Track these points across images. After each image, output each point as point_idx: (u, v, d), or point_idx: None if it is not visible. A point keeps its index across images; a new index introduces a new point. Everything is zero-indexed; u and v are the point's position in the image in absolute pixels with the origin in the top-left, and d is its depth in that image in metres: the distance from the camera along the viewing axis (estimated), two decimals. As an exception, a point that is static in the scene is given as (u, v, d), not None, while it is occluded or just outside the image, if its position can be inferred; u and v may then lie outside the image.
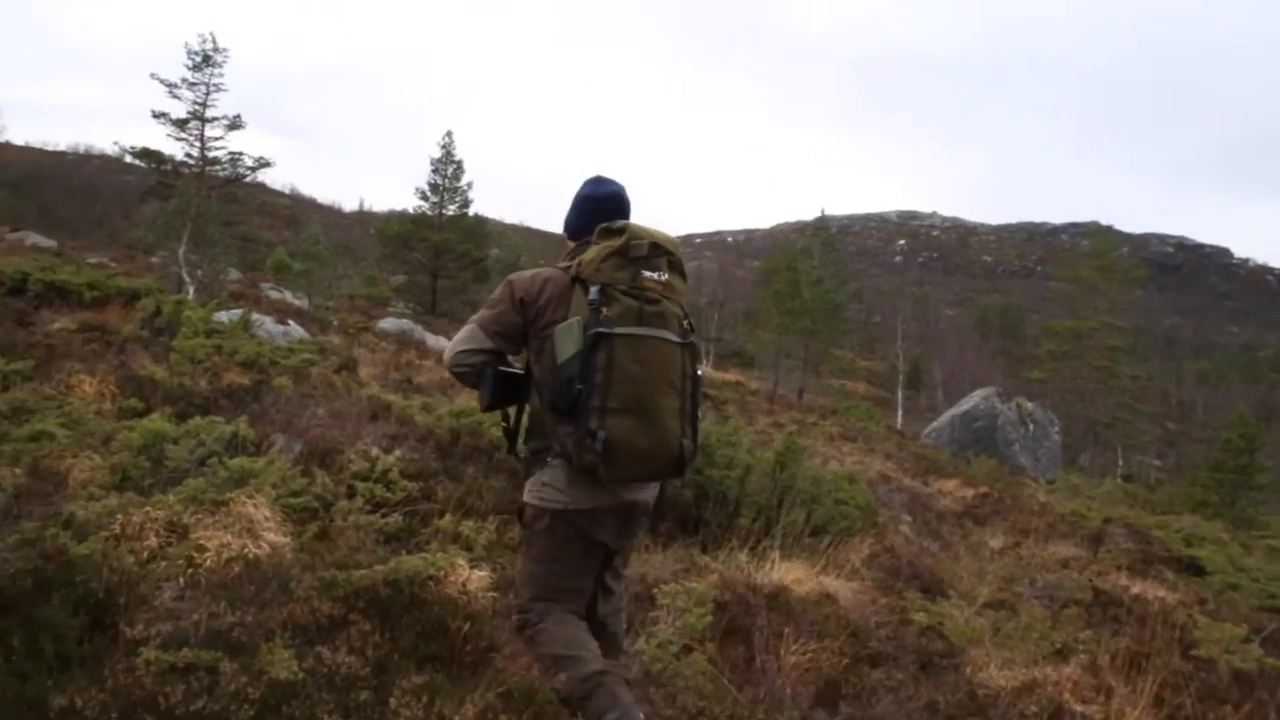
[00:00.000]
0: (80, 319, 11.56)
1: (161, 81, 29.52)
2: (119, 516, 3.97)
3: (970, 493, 16.50)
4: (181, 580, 3.63)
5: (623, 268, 2.54)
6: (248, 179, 31.91)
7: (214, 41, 29.41)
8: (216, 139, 30.80)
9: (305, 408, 6.93)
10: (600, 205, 2.85)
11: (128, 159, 32.76)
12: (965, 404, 27.01)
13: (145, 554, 3.89)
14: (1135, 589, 9.30)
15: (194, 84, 29.65)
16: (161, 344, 11.22)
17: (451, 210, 35.24)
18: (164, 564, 3.77)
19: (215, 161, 30.75)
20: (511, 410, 2.78)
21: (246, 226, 32.85)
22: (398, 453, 5.83)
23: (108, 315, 12.37)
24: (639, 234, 2.60)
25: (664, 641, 3.63)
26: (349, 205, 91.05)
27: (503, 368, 2.73)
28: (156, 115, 29.93)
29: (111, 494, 4.22)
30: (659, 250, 2.60)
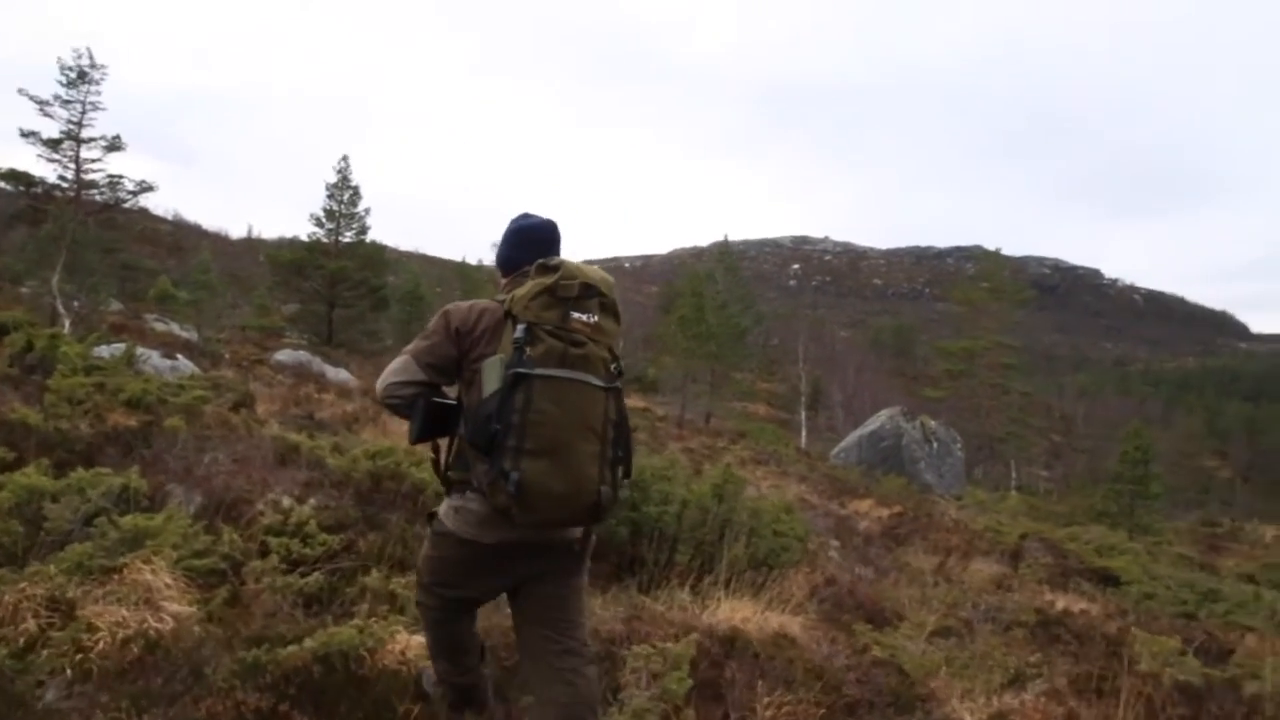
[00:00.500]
0: (-61, 357, 10.49)
1: (31, 98, 27.67)
2: (-11, 597, 3.37)
3: (885, 512, 16.58)
4: (69, 672, 3.07)
5: (551, 307, 2.51)
6: (128, 204, 30.13)
7: (90, 57, 27.74)
8: (93, 161, 29.00)
9: (203, 452, 6.29)
10: (530, 237, 2.83)
11: None
12: (871, 424, 27.40)
13: (22, 642, 3.31)
14: (1060, 604, 9.35)
15: (68, 101, 27.85)
16: (34, 383, 10.26)
17: (348, 237, 34.06)
18: (46, 653, 3.20)
19: (92, 185, 28.94)
20: (442, 441, 2.76)
21: (127, 254, 31.06)
22: (312, 501, 5.28)
23: (-29, 353, 11.29)
24: (571, 274, 2.56)
25: (640, 711, 3.24)
26: (237, 232, 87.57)
27: (435, 398, 2.70)
28: (25, 134, 28.02)
29: (-23, 571, 3.59)
30: (590, 291, 2.57)
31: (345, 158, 33.95)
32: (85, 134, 28.43)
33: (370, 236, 34.61)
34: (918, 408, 34.65)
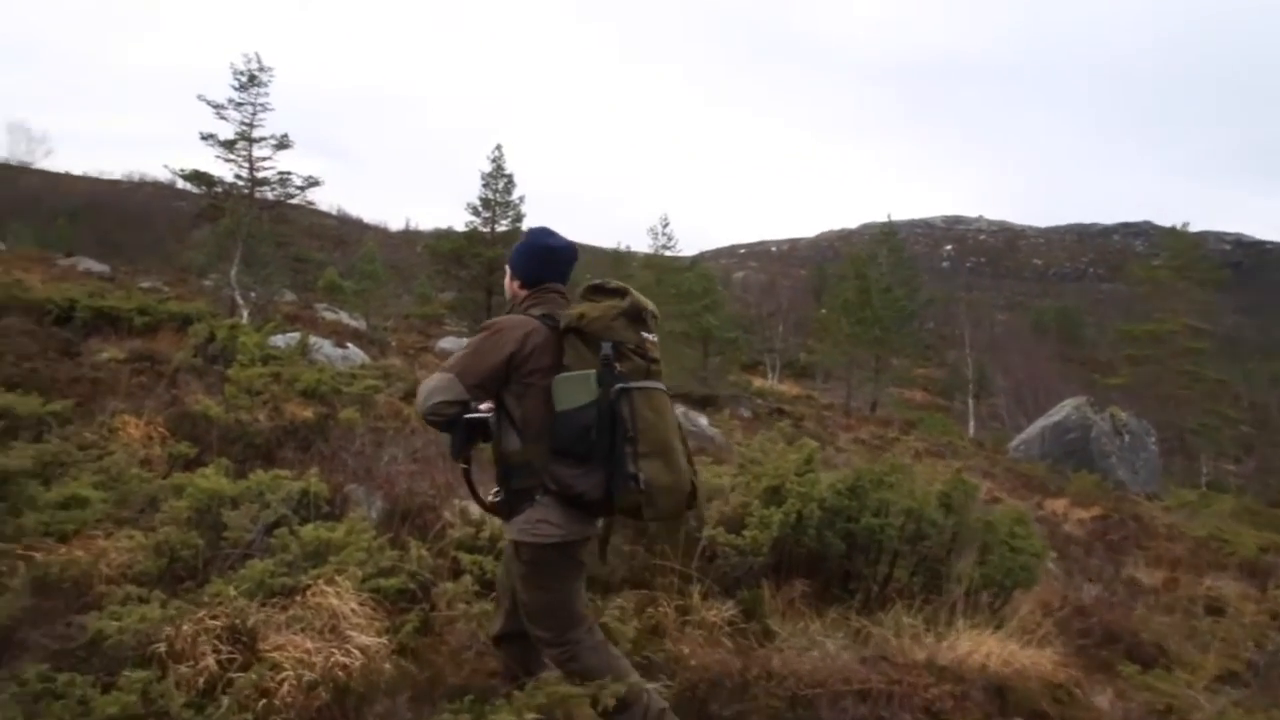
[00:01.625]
0: (130, 348, 10.70)
1: (209, 103, 29.05)
2: (166, 629, 2.92)
3: (1085, 514, 15.09)
4: (253, 726, 2.55)
5: (630, 328, 2.79)
6: (296, 199, 31.34)
7: (259, 61, 28.89)
8: (264, 159, 30.25)
9: (381, 447, 5.88)
10: (559, 258, 3.06)
11: (179, 184, 32.44)
12: (1055, 414, 25.39)
13: (201, 682, 2.84)
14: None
15: (240, 104, 29.07)
16: (216, 373, 10.33)
17: (504, 225, 34.35)
18: (226, 701, 2.71)
19: (264, 182, 30.19)
20: (475, 452, 3.00)
21: (297, 247, 32.32)
22: (503, 510, 4.72)
23: (159, 343, 11.52)
24: (642, 301, 2.86)
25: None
26: (395, 225, 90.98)
27: (468, 415, 2.80)
28: (205, 137, 29.39)
29: (155, 592, 3.15)
30: (650, 314, 2.87)
31: (499, 146, 34.22)
32: (256, 134, 29.68)
33: (527, 224, 34.75)
34: (1094, 396, 32.10)
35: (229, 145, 29.59)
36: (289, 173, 30.56)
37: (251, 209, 23.72)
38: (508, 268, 3.12)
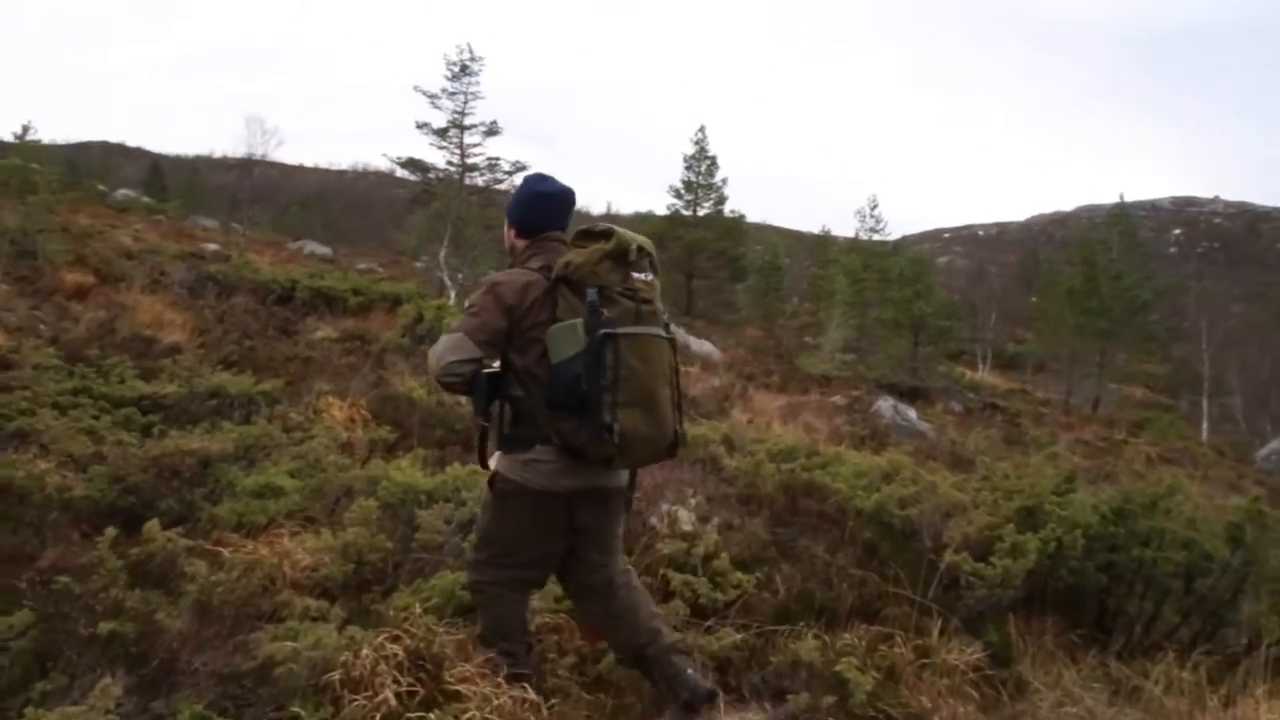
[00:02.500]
0: (343, 327, 10.99)
1: (424, 93, 30.40)
2: (344, 656, 2.54)
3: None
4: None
5: (616, 270, 2.65)
6: (504, 184, 32.28)
7: (470, 51, 29.84)
8: (474, 146, 31.34)
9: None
10: (555, 203, 2.94)
11: (398, 173, 34.14)
12: (1323, 420, 22.13)
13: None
14: None
15: (453, 93, 30.24)
16: (421, 354, 10.43)
17: (706, 208, 34.01)
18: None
19: (474, 168, 31.27)
20: (495, 410, 2.83)
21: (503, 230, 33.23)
22: (715, 521, 4.17)
23: (370, 322, 11.83)
24: (628, 238, 2.70)
25: None
26: (596, 209, 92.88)
27: (485, 371, 2.76)
28: (419, 126, 30.77)
29: (335, 608, 2.80)
30: (644, 253, 2.72)
31: (702, 129, 33.86)
32: (467, 121, 30.83)
33: (729, 207, 34.25)
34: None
35: (442, 133, 30.86)
36: (497, 158, 31.54)
37: (460, 193, 24.42)
38: (506, 220, 3.02)
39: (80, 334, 7.34)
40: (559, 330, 2.62)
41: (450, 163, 30.84)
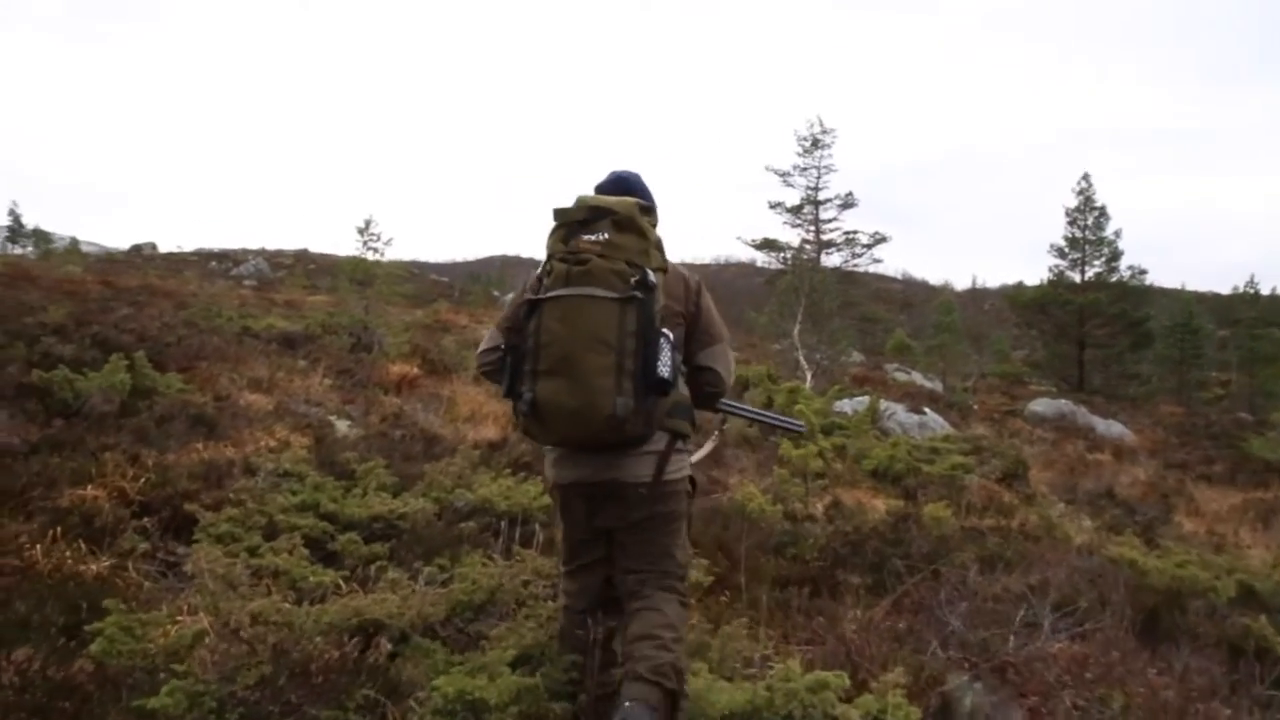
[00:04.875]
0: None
1: (775, 172, 29.81)
2: None
3: None
4: None
5: (561, 237, 2.52)
6: (862, 257, 30.53)
7: (821, 124, 28.81)
8: (829, 221, 30.12)
9: (1004, 606, 3.30)
10: (600, 192, 2.78)
11: (759, 261, 33.87)
12: None
13: None
14: None
15: (805, 169, 29.38)
16: (770, 448, 8.72)
17: (1096, 266, 29.49)
18: None
19: (830, 244, 29.95)
20: None
21: (864, 308, 31.21)
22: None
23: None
24: (580, 202, 2.56)
25: None
26: (960, 284, 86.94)
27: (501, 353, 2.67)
28: (773, 205, 30.29)
29: None
30: (600, 214, 2.50)
31: (1086, 176, 29.70)
32: (821, 196, 29.68)
33: (1123, 263, 29.41)
34: None
35: (795, 210, 30.04)
36: (855, 232, 30.04)
37: (815, 266, 23.03)
38: None
39: (366, 430, 6.50)
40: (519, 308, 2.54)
41: (805, 241, 29.78)
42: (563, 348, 2.35)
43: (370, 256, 12.77)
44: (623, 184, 2.76)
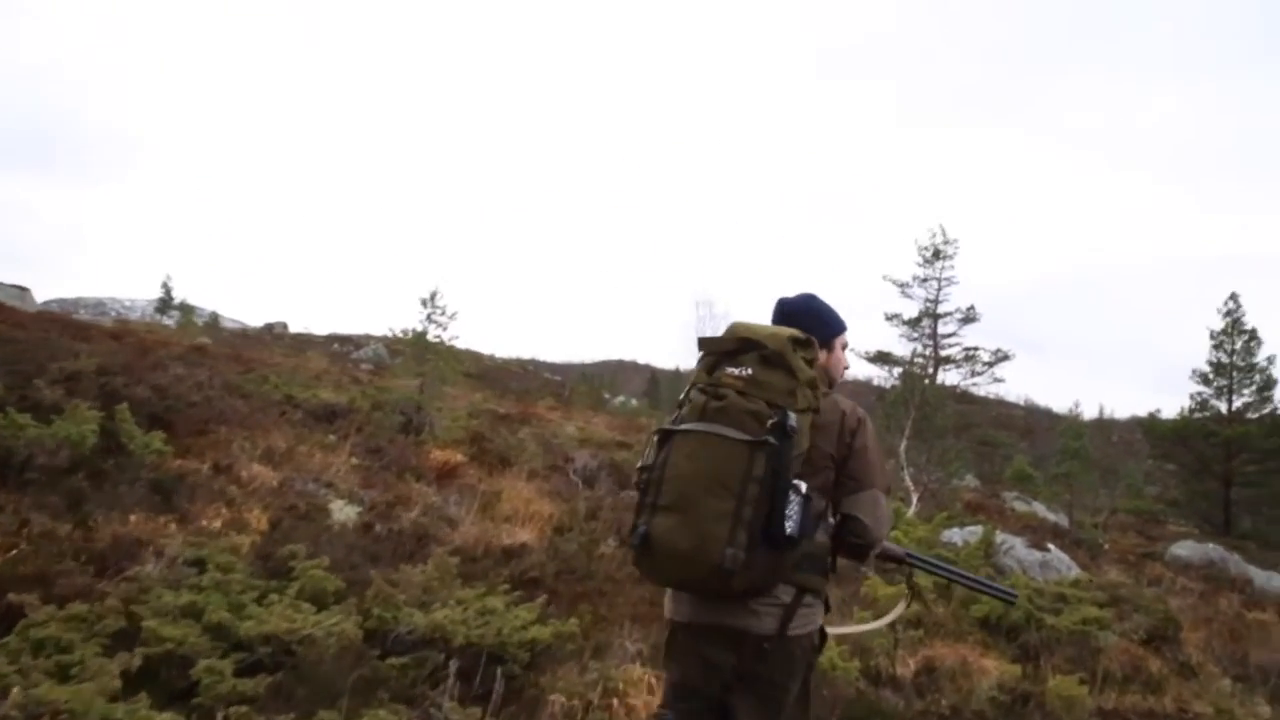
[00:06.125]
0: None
1: (893, 282, 28.61)
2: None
3: None
4: None
5: (706, 367, 2.47)
6: (983, 375, 28.72)
7: (944, 234, 27.63)
8: (948, 336, 28.56)
9: None
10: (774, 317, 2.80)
11: (874, 380, 32.54)
12: None
13: None
14: None
15: (925, 280, 28.08)
16: (854, 580, 7.40)
17: (1245, 395, 26.88)
18: None
19: (948, 360, 28.33)
20: None
21: (982, 430, 29.25)
22: None
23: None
24: (730, 331, 2.49)
25: None
26: (1088, 413, 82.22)
27: None
28: (889, 317, 28.96)
29: None
30: (749, 345, 2.41)
31: (1235, 296, 27.37)
32: (940, 309, 28.22)
33: (1278, 392, 26.73)
34: None
35: (913, 323, 28.60)
36: (975, 348, 28.34)
37: (927, 378, 21.56)
38: None
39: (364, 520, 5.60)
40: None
41: (920, 355, 28.24)
42: (684, 485, 2.27)
43: (432, 330, 12.04)
44: (785, 311, 2.64)
